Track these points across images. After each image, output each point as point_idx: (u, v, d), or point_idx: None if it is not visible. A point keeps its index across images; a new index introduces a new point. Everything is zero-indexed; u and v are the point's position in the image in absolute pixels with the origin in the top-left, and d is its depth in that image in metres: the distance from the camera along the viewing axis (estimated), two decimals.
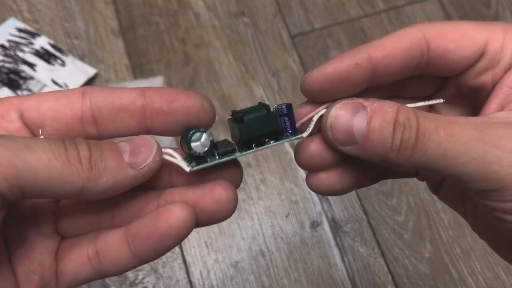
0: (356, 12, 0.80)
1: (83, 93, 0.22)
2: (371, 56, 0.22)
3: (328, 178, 0.25)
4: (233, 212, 0.23)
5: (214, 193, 0.22)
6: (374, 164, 0.24)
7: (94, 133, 0.22)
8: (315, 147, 0.24)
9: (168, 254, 0.65)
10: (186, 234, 0.21)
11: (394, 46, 0.22)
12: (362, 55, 0.22)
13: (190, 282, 0.64)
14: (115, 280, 0.64)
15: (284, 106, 0.23)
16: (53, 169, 0.18)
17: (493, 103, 0.22)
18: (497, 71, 0.22)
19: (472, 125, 0.20)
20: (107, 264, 0.22)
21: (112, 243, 0.22)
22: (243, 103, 0.73)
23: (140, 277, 0.64)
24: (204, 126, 0.23)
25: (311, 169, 0.25)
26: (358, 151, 0.21)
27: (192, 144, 0.22)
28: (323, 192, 0.25)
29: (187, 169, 0.22)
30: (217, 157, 0.23)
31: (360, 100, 0.22)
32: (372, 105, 0.21)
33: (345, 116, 0.21)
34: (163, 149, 0.22)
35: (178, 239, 0.21)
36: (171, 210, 0.21)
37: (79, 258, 0.22)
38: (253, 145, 0.23)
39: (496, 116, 0.21)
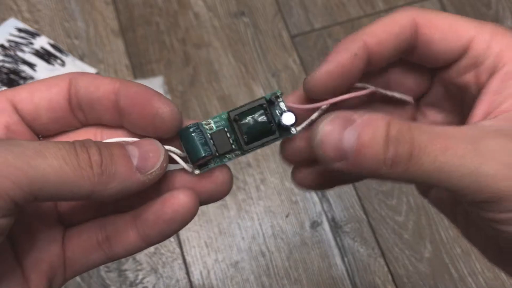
0: (356, 12, 0.80)
1: (70, 80, 0.22)
2: (366, 43, 0.22)
3: (312, 174, 0.25)
4: (230, 190, 0.24)
5: (211, 175, 0.23)
6: None
7: (82, 119, 0.23)
8: (299, 143, 0.24)
9: (168, 254, 0.65)
10: (191, 218, 0.22)
11: (386, 32, 0.22)
12: (358, 44, 0.22)
13: (190, 282, 0.64)
14: (115, 280, 0.64)
15: (289, 125, 0.23)
16: (64, 175, 0.19)
17: (479, 109, 0.22)
18: (480, 72, 0.22)
19: (465, 138, 0.20)
20: (117, 248, 0.23)
21: (121, 228, 0.23)
22: (243, 103, 0.73)
23: (140, 277, 0.64)
24: (164, 134, 0.23)
25: (295, 164, 0.25)
26: (349, 166, 0.20)
27: (198, 163, 0.23)
28: (307, 188, 0.25)
29: (195, 172, 0.23)
30: (217, 159, 0.23)
31: (349, 113, 0.21)
32: (362, 118, 0.20)
33: (334, 131, 0.20)
34: (165, 147, 0.23)
35: (184, 223, 0.22)
36: (176, 197, 0.22)
37: (89, 243, 0.23)
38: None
39: (486, 125, 0.21)
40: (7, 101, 0.22)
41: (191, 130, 0.22)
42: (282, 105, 0.24)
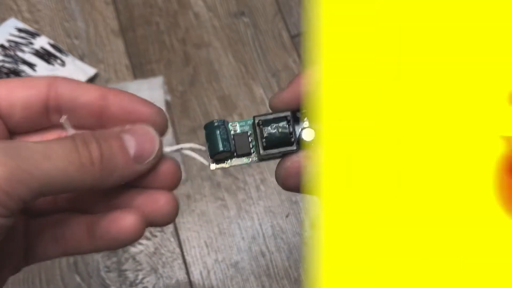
0: None
1: (49, 83, 0.23)
2: None
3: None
4: (176, 216, 0.25)
5: (159, 203, 0.24)
6: None
7: (56, 121, 0.24)
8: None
9: (168, 254, 0.65)
10: (137, 238, 0.23)
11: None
12: None
13: (190, 282, 0.64)
14: (115, 280, 0.64)
15: (308, 140, 0.24)
16: (69, 175, 0.20)
17: None
18: None
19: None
20: (70, 248, 0.24)
21: (77, 230, 0.24)
22: (243, 103, 0.73)
23: (140, 277, 0.64)
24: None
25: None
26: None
27: (216, 157, 0.24)
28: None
29: (211, 166, 0.24)
30: (235, 157, 0.25)
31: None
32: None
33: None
34: (188, 144, 0.24)
35: (129, 242, 0.23)
36: (123, 218, 0.23)
37: (47, 237, 0.24)
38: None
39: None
40: None
41: (216, 125, 0.24)
42: (306, 123, 0.25)
